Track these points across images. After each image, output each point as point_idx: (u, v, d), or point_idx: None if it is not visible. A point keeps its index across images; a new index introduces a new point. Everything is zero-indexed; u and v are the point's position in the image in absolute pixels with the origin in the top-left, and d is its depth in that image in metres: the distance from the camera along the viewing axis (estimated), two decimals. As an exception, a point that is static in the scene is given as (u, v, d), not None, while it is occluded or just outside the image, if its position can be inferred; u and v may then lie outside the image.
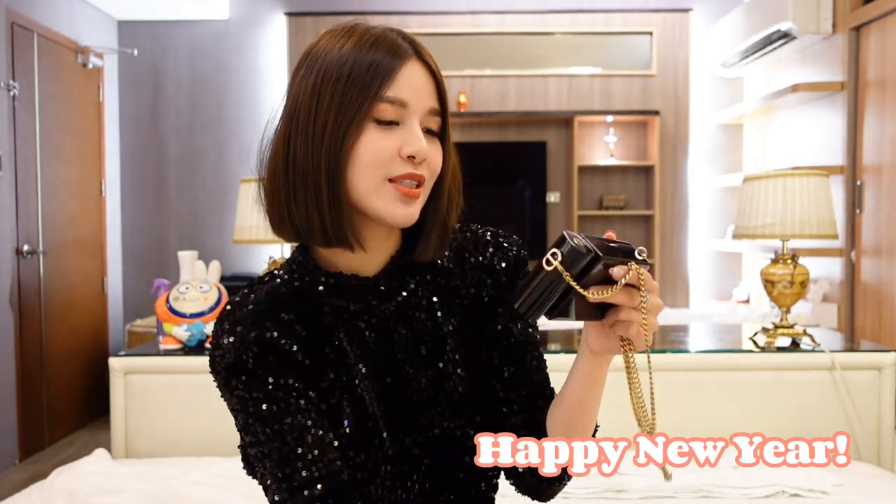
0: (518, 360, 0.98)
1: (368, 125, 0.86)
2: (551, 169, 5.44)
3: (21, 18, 4.12)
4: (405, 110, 0.87)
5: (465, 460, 0.95)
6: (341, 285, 0.92)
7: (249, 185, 2.48)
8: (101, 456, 2.13)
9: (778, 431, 2.19)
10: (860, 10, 3.74)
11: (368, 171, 0.86)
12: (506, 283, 0.99)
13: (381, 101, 0.85)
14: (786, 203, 2.26)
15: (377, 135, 0.86)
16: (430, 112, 0.89)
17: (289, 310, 0.91)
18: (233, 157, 5.42)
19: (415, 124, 0.87)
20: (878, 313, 3.67)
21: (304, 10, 5.34)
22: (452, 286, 0.98)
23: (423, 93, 0.88)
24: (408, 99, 0.87)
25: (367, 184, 0.86)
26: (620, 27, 5.36)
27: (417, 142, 0.86)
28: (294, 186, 0.87)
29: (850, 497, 1.85)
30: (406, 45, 0.89)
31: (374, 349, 0.93)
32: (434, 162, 0.90)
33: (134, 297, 5.40)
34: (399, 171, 0.86)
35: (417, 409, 0.94)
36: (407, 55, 0.88)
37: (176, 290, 2.33)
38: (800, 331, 2.32)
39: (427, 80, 0.89)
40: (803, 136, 4.37)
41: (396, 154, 0.86)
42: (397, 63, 0.87)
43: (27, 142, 4.15)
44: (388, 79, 0.86)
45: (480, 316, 0.99)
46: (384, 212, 0.87)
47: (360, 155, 0.85)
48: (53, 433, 4.35)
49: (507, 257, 1.00)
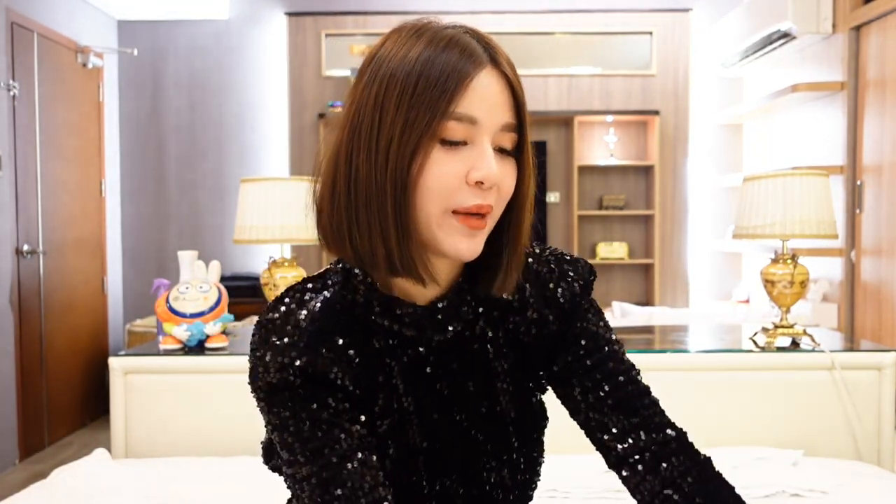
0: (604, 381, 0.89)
1: (435, 145, 0.76)
2: (551, 169, 5.44)
3: (21, 18, 4.12)
4: (475, 128, 0.77)
5: (504, 500, 0.89)
6: (394, 311, 0.84)
7: (249, 185, 2.48)
8: (101, 456, 2.12)
9: (777, 432, 2.19)
10: (860, 9, 3.74)
11: (432, 200, 0.77)
12: (569, 312, 0.90)
13: (449, 119, 0.76)
14: (786, 203, 2.26)
15: (443, 157, 0.76)
16: (504, 128, 0.79)
17: (343, 332, 0.83)
18: (233, 157, 5.42)
19: (486, 144, 0.77)
20: (878, 313, 3.67)
21: (304, 10, 5.34)
22: (512, 322, 0.90)
23: (497, 107, 0.78)
24: (478, 115, 0.77)
25: (429, 213, 0.77)
26: (620, 27, 5.36)
27: (487, 165, 0.76)
28: (356, 208, 0.79)
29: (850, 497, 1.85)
30: (480, 49, 0.79)
31: (423, 382, 0.87)
32: (505, 186, 0.80)
33: (134, 297, 5.40)
34: (465, 202, 0.77)
35: (461, 449, 0.87)
36: (480, 63, 0.77)
37: (176, 290, 2.33)
38: (800, 331, 2.31)
39: (502, 91, 0.79)
40: (803, 136, 4.37)
41: (463, 180, 0.77)
42: (468, 73, 0.76)
43: (27, 142, 4.15)
44: (458, 93, 0.76)
45: (541, 355, 0.91)
46: (445, 245, 0.78)
47: (425, 180, 0.76)
48: (53, 433, 4.35)
49: (571, 288, 0.91)
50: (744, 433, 2.18)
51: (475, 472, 0.88)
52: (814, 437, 2.19)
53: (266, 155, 5.42)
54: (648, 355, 2.20)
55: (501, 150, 0.80)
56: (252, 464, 1.96)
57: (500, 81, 0.79)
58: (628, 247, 5.42)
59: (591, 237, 5.47)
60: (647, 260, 5.38)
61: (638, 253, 5.51)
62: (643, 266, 5.51)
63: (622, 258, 5.36)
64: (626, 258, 5.38)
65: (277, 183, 2.44)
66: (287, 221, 2.40)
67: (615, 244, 5.38)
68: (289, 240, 2.42)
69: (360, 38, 5.35)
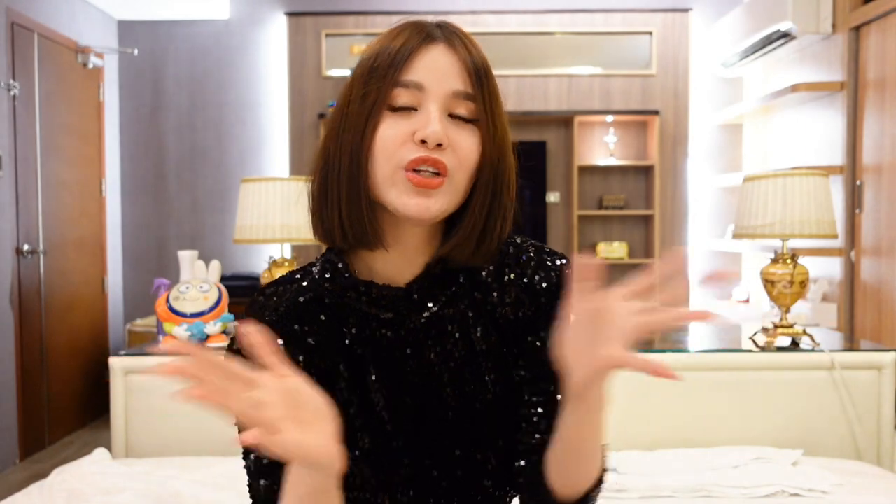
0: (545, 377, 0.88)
1: (385, 112, 0.81)
2: (551, 169, 5.44)
3: (21, 18, 4.12)
4: (422, 94, 0.81)
5: (484, 483, 0.89)
6: (370, 294, 0.86)
7: (249, 185, 2.48)
8: (101, 455, 2.13)
9: (777, 431, 2.19)
10: (860, 10, 3.74)
11: (383, 160, 0.81)
12: (545, 304, 0.90)
13: (395, 86, 0.81)
14: (786, 203, 2.26)
15: (392, 122, 0.81)
16: (456, 95, 0.82)
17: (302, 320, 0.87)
18: (233, 157, 5.42)
19: (432, 108, 0.81)
20: (877, 313, 3.67)
21: (304, 10, 5.34)
22: (490, 302, 0.90)
23: (446, 75, 0.82)
24: (424, 81, 0.81)
25: (382, 174, 0.81)
26: (620, 27, 5.36)
27: (429, 124, 0.79)
28: (326, 186, 0.85)
29: (850, 497, 1.85)
30: (436, 30, 0.84)
31: (399, 364, 0.87)
32: (462, 149, 0.82)
33: (134, 297, 5.40)
34: (411, 154, 0.80)
35: (440, 430, 0.88)
36: (432, 39, 0.83)
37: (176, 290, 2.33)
38: (799, 330, 2.32)
39: (453, 61, 0.83)
40: (803, 136, 4.38)
41: (409, 139, 0.80)
42: (417, 47, 0.82)
43: (27, 141, 4.15)
44: (405, 63, 0.81)
45: (514, 335, 0.90)
46: (397, 203, 0.81)
47: (375, 144, 0.81)
48: (53, 433, 4.35)
49: (549, 277, 0.91)
50: (744, 433, 2.18)
51: (459, 456, 0.88)
52: (814, 436, 2.19)
53: (266, 155, 5.43)
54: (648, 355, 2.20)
55: (458, 117, 0.82)
56: (252, 463, 1.95)
57: (452, 54, 0.83)
58: (628, 247, 5.42)
59: (591, 237, 5.47)
60: (646, 260, 5.38)
61: (638, 253, 5.51)
62: (643, 266, 5.50)
63: (622, 258, 5.36)
64: (626, 258, 5.38)
65: (277, 183, 2.45)
66: (287, 221, 2.41)
67: (615, 244, 5.38)
68: (289, 239, 2.42)
69: (361, 38, 5.35)
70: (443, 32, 0.85)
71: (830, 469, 2.00)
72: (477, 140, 0.83)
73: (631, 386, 2.19)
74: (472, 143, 0.83)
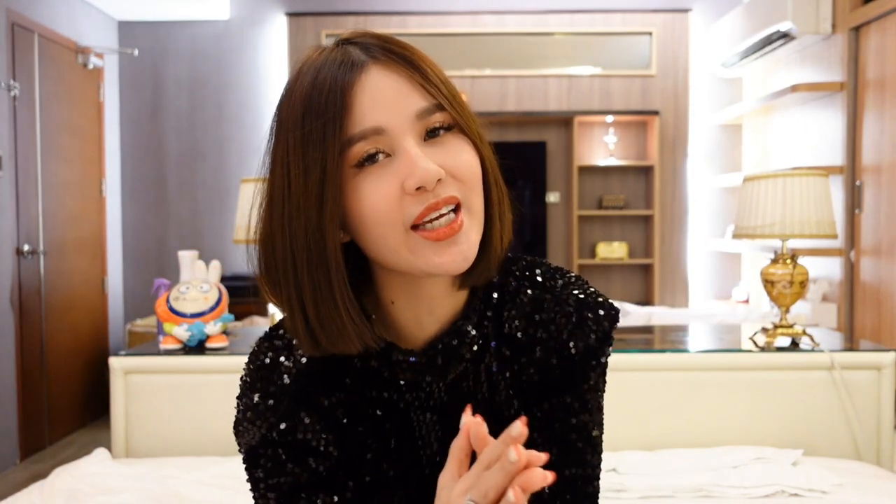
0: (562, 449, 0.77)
1: (349, 177, 0.67)
2: (551, 169, 5.44)
3: (21, 19, 4.12)
4: (386, 136, 0.67)
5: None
6: (389, 360, 0.76)
7: (249, 185, 2.48)
8: (101, 456, 2.13)
9: (777, 432, 2.19)
10: (860, 10, 3.75)
11: (382, 228, 0.67)
12: (576, 366, 0.78)
13: (350, 146, 0.66)
14: (785, 203, 2.26)
15: (368, 180, 0.67)
16: (421, 115, 0.68)
17: (330, 389, 0.75)
18: (233, 157, 5.42)
19: (407, 145, 0.67)
20: (877, 313, 3.67)
21: (304, 10, 5.35)
22: (521, 362, 0.78)
23: (399, 99, 0.68)
24: (381, 120, 0.67)
25: (389, 242, 0.68)
26: (620, 27, 5.36)
27: (416, 167, 0.66)
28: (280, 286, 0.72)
29: (850, 497, 1.85)
30: (356, 52, 0.69)
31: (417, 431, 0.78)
32: (463, 168, 0.69)
33: (134, 297, 5.41)
34: (415, 209, 0.67)
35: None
36: (357, 67, 0.68)
37: (176, 290, 2.33)
38: (799, 331, 2.32)
39: (397, 80, 0.68)
40: (803, 136, 4.38)
41: (401, 194, 0.67)
42: (348, 85, 0.67)
43: (27, 142, 4.15)
44: (343, 114, 0.66)
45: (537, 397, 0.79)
46: (426, 266, 0.68)
47: (361, 215, 0.67)
48: (53, 433, 4.35)
49: (587, 340, 0.78)
50: (744, 433, 2.18)
51: None
52: (813, 437, 2.19)
53: (266, 155, 5.42)
54: (648, 355, 2.20)
55: (435, 131, 0.69)
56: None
57: (390, 73, 0.68)
58: (628, 247, 5.42)
59: (590, 237, 5.47)
60: (646, 260, 5.38)
61: (637, 253, 5.51)
62: (643, 266, 5.51)
63: (622, 258, 5.36)
64: (626, 258, 5.38)
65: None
66: (287, 221, 2.40)
67: (615, 244, 5.38)
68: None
69: (360, 39, 5.35)
70: (365, 52, 0.69)
71: (830, 469, 2.00)
72: (468, 148, 0.71)
73: (631, 386, 2.19)
74: (466, 157, 0.70)
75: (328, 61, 0.68)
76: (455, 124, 0.71)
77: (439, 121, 0.69)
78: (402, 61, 0.69)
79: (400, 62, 0.69)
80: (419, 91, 0.69)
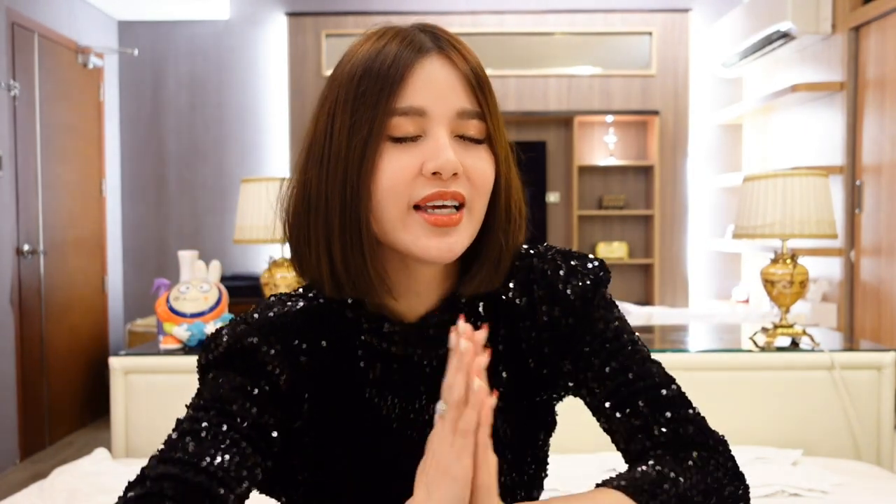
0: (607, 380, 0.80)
1: (385, 144, 0.72)
2: (551, 169, 5.44)
3: (21, 19, 4.12)
4: (425, 119, 0.72)
5: None
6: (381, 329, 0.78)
7: (249, 185, 2.48)
8: (101, 455, 2.13)
9: (777, 432, 2.19)
10: (860, 10, 3.75)
11: (390, 200, 0.71)
12: (580, 310, 0.81)
13: (393, 115, 0.71)
14: (785, 203, 2.26)
15: (395, 153, 0.72)
16: (462, 115, 0.73)
17: (307, 336, 0.78)
18: (233, 157, 5.42)
19: (439, 134, 0.72)
20: (877, 313, 3.67)
21: (304, 10, 5.35)
22: (519, 328, 0.82)
23: (448, 93, 0.73)
24: (426, 105, 0.72)
25: (390, 215, 0.72)
26: (620, 27, 5.36)
27: (441, 154, 0.70)
28: (308, 227, 0.76)
29: (850, 497, 1.85)
30: (425, 38, 0.74)
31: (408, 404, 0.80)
32: (477, 175, 0.74)
33: (134, 297, 5.41)
34: (424, 190, 0.71)
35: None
36: (423, 51, 0.73)
37: (176, 290, 2.33)
38: (799, 330, 2.32)
39: (453, 76, 0.73)
40: (803, 136, 4.38)
41: (418, 173, 0.71)
42: (409, 63, 0.72)
43: (27, 142, 4.15)
44: (400, 85, 0.71)
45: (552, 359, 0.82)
46: (414, 247, 0.72)
47: (378, 181, 0.71)
48: (54, 433, 4.35)
49: (583, 284, 0.82)
50: (744, 433, 2.18)
51: None
52: (813, 436, 2.19)
53: (266, 155, 5.43)
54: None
55: (467, 138, 0.74)
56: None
57: (450, 67, 0.74)
58: (628, 247, 5.42)
59: (590, 237, 5.47)
60: (646, 260, 5.38)
61: (637, 253, 5.51)
62: (643, 266, 5.51)
63: (622, 258, 5.36)
64: (626, 258, 5.38)
65: (277, 183, 2.44)
66: (287, 221, 2.40)
67: (615, 244, 5.38)
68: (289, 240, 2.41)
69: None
70: (433, 41, 0.75)
71: (830, 469, 2.00)
72: (489, 161, 0.75)
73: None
74: (485, 166, 0.75)
75: (397, 38, 0.74)
76: (487, 139, 0.75)
77: (475, 128, 0.74)
78: (463, 61, 0.74)
79: (461, 61, 0.74)
80: (468, 93, 0.74)
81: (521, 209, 0.81)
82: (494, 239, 0.78)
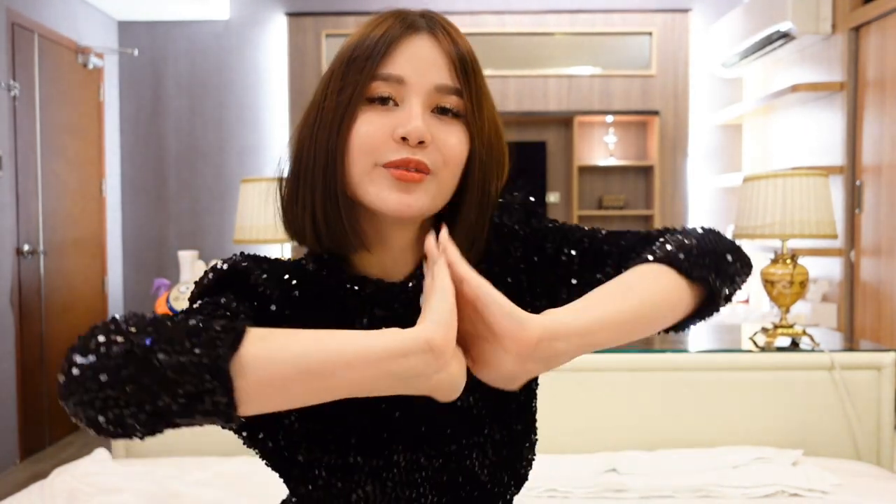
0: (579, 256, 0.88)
1: (363, 107, 0.78)
2: (551, 169, 5.44)
3: (21, 19, 4.12)
4: (403, 87, 0.77)
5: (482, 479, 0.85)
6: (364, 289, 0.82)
7: (249, 185, 2.48)
8: (101, 456, 2.13)
9: (777, 431, 2.19)
10: (860, 10, 3.75)
11: (360, 156, 0.77)
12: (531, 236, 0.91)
13: (374, 79, 0.77)
14: (785, 203, 2.26)
15: (371, 116, 0.77)
16: (440, 89, 0.78)
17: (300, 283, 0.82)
18: (233, 157, 5.42)
19: (413, 103, 0.77)
20: (877, 313, 3.67)
21: (304, 10, 5.35)
22: (494, 272, 0.86)
23: (429, 67, 0.78)
24: (405, 74, 0.77)
25: (359, 169, 0.77)
26: (620, 27, 5.36)
27: (410, 121, 0.75)
28: (296, 185, 0.81)
29: (850, 497, 1.85)
30: (421, 20, 0.80)
31: None
32: (448, 146, 0.78)
33: (134, 297, 5.41)
34: (391, 156, 0.76)
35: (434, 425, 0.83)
36: (413, 28, 0.79)
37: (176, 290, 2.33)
38: (799, 331, 2.32)
39: (437, 53, 0.79)
40: (803, 136, 4.38)
41: (389, 137, 0.77)
42: (398, 37, 0.78)
43: (27, 142, 4.15)
44: (385, 55, 0.77)
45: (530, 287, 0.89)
46: (376, 199, 0.77)
47: (352, 140, 0.77)
48: (54, 433, 4.35)
49: (518, 214, 0.93)
50: (744, 433, 2.18)
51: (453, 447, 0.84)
52: (813, 437, 2.19)
53: (266, 155, 5.43)
54: (648, 355, 2.20)
55: (443, 110, 0.79)
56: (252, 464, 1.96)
57: (437, 47, 0.79)
58: (628, 247, 5.42)
59: (590, 237, 5.47)
60: (646, 260, 5.37)
61: (638, 253, 5.50)
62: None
63: (622, 258, 5.36)
64: (626, 258, 5.38)
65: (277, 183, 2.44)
66: (287, 221, 2.40)
67: (615, 244, 5.38)
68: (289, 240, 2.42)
69: (360, 39, 5.35)
70: (426, 22, 0.80)
71: (830, 469, 2.00)
72: (463, 136, 0.80)
73: (631, 386, 2.19)
74: (457, 139, 0.79)
75: (397, 18, 0.80)
76: (464, 115, 0.80)
77: (452, 103, 0.79)
78: (450, 43, 0.80)
79: (448, 43, 0.79)
80: (449, 70, 0.79)
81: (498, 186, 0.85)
82: (468, 213, 0.82)
